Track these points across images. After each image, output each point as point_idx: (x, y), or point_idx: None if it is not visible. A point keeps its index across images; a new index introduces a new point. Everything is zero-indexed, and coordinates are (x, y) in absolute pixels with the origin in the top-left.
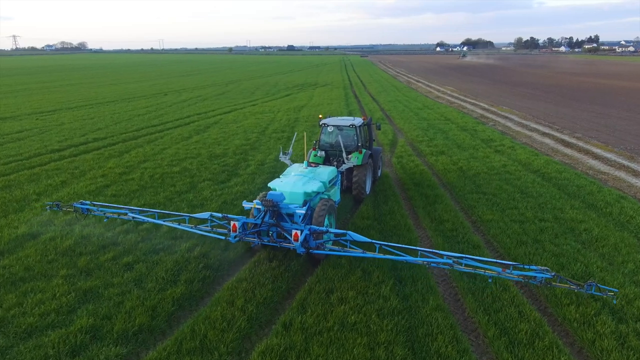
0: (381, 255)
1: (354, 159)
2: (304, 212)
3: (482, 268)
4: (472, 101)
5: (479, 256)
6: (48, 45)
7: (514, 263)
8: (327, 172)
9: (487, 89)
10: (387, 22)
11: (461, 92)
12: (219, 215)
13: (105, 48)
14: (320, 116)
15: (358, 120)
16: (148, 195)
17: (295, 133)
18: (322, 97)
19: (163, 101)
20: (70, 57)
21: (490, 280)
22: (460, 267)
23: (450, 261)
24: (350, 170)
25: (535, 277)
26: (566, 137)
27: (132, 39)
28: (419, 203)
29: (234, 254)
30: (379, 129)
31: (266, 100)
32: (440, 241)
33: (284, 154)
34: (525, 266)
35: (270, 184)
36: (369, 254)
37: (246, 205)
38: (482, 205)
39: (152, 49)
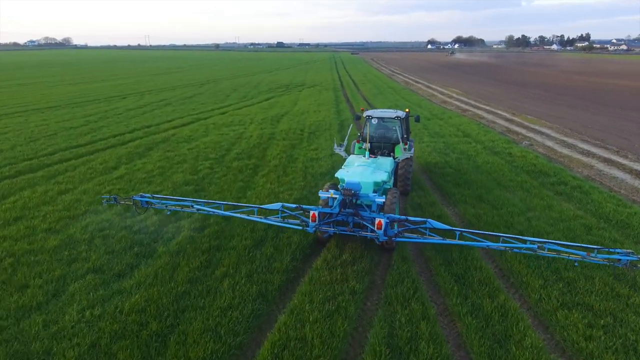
0: (462, 242)
1: (401, 152)
2: (383, 200)
3: (566, 252)
4: (486, 107)
5: None
6: (31, 41)
7: (598, 247)
8: (388, 162)
9: (494, 91)
10: (380, 19)
11: (469, 96)
12: (292, 205)
13: (90, 44)
14: (362, 109)
15: (401, 113)
16: None
17: (351, 126)
18: (308, 101)
19: (116, 107)
20: (51, 53)
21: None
22: (544, 252)
23: (534, 246)
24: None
25: (620, 259)
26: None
27: (119, 35)
28: (475, 345)
29: None
30: (418, 121)
31: (241, 105)
32: None
33: (339, 145)
34: (611, 249)
35: (337, 174)
36: (449, 241)
37: (322, 194)
38: (601, 347)
39: (139, 45)
